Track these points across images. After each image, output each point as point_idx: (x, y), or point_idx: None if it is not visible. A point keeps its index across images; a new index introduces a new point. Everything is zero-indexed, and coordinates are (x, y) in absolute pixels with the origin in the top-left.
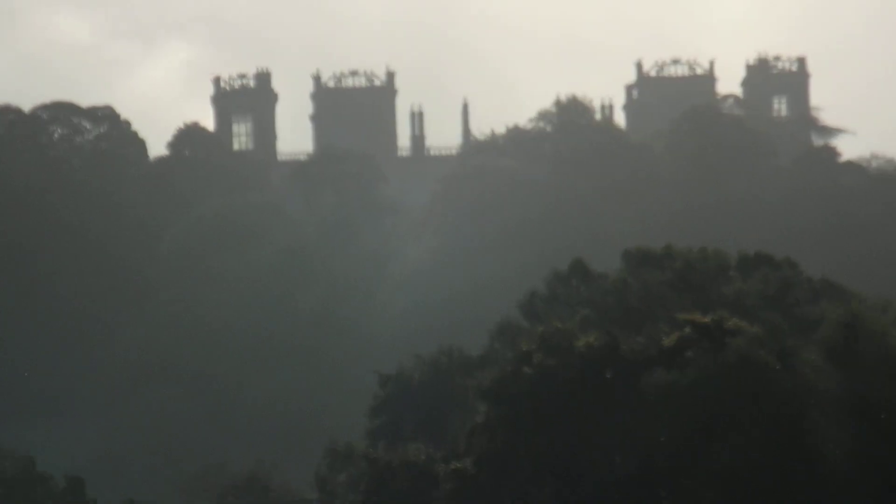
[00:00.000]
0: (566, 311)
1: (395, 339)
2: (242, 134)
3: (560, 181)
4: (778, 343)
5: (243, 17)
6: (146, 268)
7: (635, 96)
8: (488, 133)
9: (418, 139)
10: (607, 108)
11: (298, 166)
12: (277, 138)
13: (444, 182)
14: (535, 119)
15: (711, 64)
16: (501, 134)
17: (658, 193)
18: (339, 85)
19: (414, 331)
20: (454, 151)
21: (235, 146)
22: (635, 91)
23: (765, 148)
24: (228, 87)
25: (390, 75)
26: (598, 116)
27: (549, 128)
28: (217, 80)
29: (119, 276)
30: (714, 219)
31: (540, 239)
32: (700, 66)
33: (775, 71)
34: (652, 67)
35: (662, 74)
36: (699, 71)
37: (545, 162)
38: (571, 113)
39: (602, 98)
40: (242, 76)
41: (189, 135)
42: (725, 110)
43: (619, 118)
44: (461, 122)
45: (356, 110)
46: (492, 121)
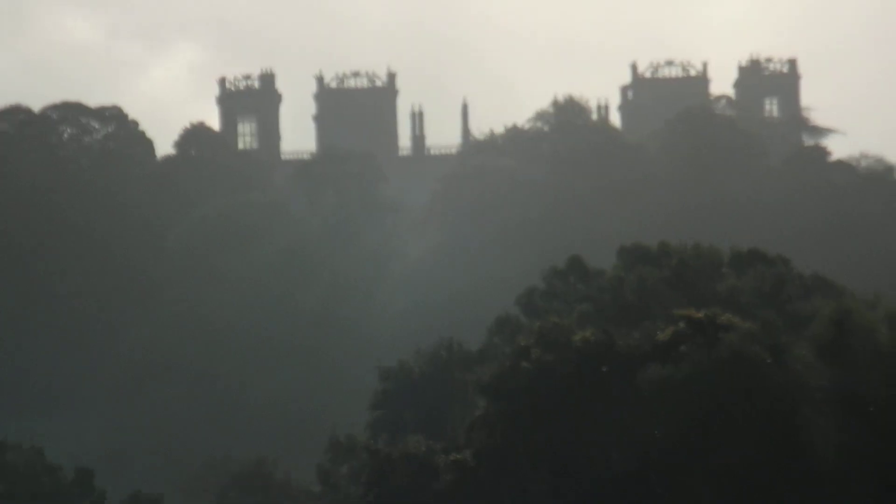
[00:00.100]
0: (563, 307)
1: (396, 337)
2: (247, 134)
3: (558, 180)
4: (770, 338)
5: (248, 20)
6: (152, 266)
7: (630, 97)
8: (487, 133)
9: (419, 139)
10: (603, 109)
11: (302, 165)
12: (281, 138)
13: (444, 181)
14: (533, 119)
15: (704, 66)
16: (500, 134)
17: (653, 192)
18: (342, 86)
19: (414, 329)
20: (454, 151)
21: (240, 146)
22: (630, 92)
23: (757, 148)
24: (233, 88)
25: (391, 76)
26: (595, 117)
27: (547, 128)
28: (222, 81)
29: (125, 275)
30: (708, 217)
31: (538, 237)
32: (693, 68)
33: (767, 72)
34: (647, 69)
35: (657, 76)
36: (692, 72)
37: (543, 161)
38: (568, 113)
39: (598, 99)
40: (247, 77)
41: (195, 134)
42: (718, 111)
43: (615, 118)
44: (461, 122)
45: (358, 110)
46: (491, 121)
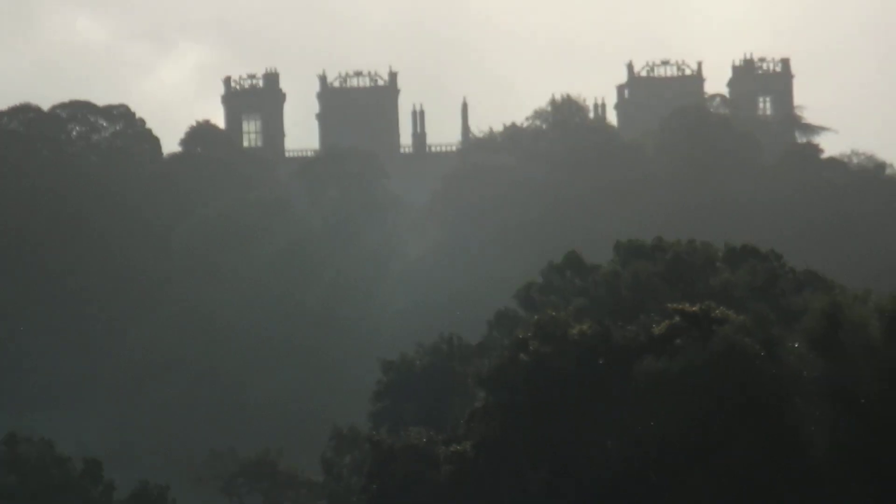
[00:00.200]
0: (561, 301)
1: (396, 334)
2: (251, 132)
3: (556, 178)
4: (763, 332)
5: (253, 21)
6: (157, 263)
7: (626, 96)
8: (487, 131)
9: (420, 137)
10: (600, 107)
11: (305, 163)
12: (285, 136)
13: (445, 179)
14: (532, 117)
15: (699, 65)
16: (499, 132)
17: (649, 189)
18: (344, 85)
19: (415, 325)
20: (454, 149)
21: (245, 143)
22: (626, 91)
23: (751, 145)
24: (238, 87)
25: (393, 76)
26: (592, 115)
27: (545, 126)
28: (227, 81)
29: (130, 272)
30: (702, 214)
31: (537, 235)
32: (688, 67)
33: (760, 72)
34: (642, 68)
35: (652, 75)
36: (688, 72)
37: (541, 159)
38: (566, 112)
39: (595, 97)
40: (252, 76)
41: (201, 133)
42: (713, 109)
43: (612, 117)
44: (461, 121)
45: (360, 109)
46: (490, 119)
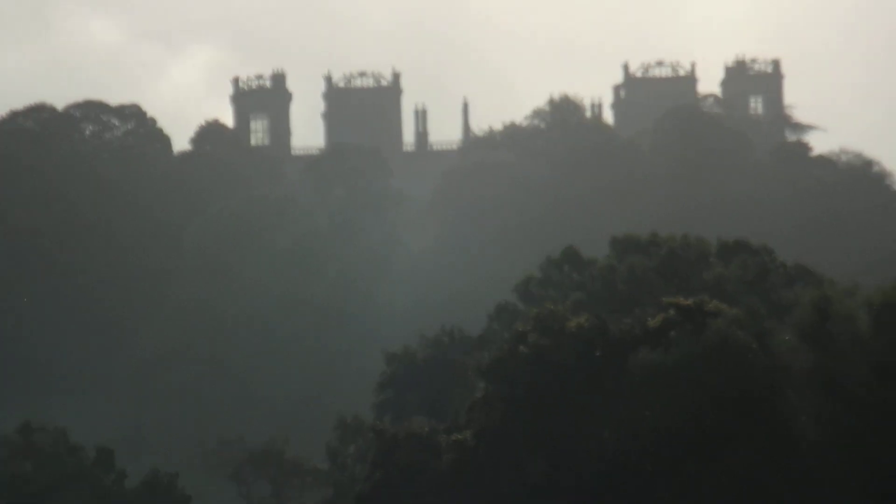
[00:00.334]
0: (559, 295)
1: (400, 324)
2: (259, 130)
3: (554, 175)
4: (755, 324)
5: (261, 23)
6: (168, 257)
7: (622, 96)
8: (487, 130)
9: (422, 135)
10: (597, 107)
11: (311, 161)
12: (291, 135)
13: (446, 176)
14: (531, 116)
15: (693, 66)
16: (499, 131)
17: (644, 186)
18: (349, 85)
19: (417, 315)
20: (455, 147)
21: (253, 142)
22: (622, 91)
23: (742, 143)
24: (246, 87)
25: (396, 76)
26: (588, 114)
27: (543, 125)
28: (236, 81)
29: (143, 266)
30: (695, 209)
31: (535, 230)
32: (682, 68)
33: (752, 72)
34: (638, 69)
35: (647, 75)
36: (681, 72)
37: (540, 157)
38: (564, 111)
39: (592, 97)
40: (259, 77)
41: (210, 131)
42: (706, 109)
43: (608, 116)
44: (462, 120)
45: (364, 109)
46: (490, 118)
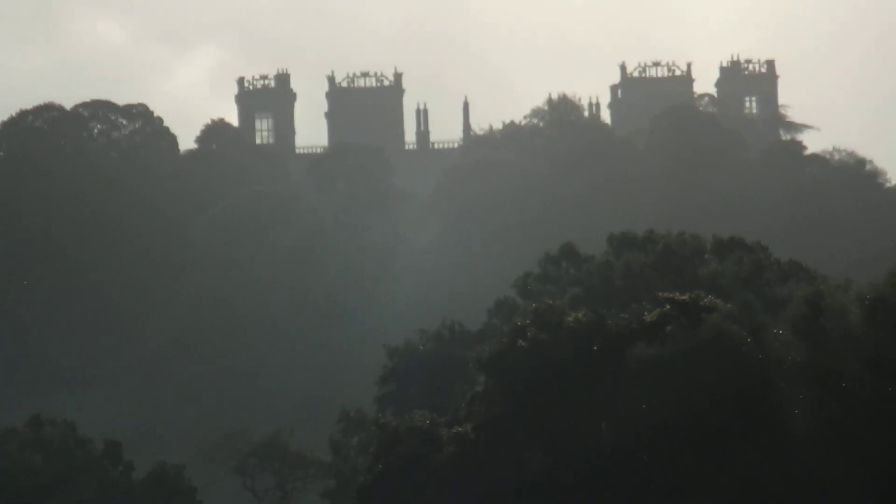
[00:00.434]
0: (557, 290)
1: (402, 319)
2: (264, 129)
3: (553, 173)
4: (750, 319)
5: (265, 24)
6: (175, 254)
7: (620, 95)
8: (487, 128)
9: (423, 134)
10: (594, 106)
11: (314, 159)
12: (295, 133)
13: (447, 174)
14: (530, 116)
15: (689, 66)
16: (499, 129)
17: (640, 183)
18: (352, 85)
19: (419, 310)
20: (456, 145)
21: (257, 141)
22: (620, 90)
23: (737, 143)
24: (251, 87)
25: (398, 76)
26: (586, 113)
27: (542, 124)
28: (241, 81)
29: (151, 263)
30: (691, 207)
31: (535, 227)
32: (678, 68)
33: (747, 73)
34: (635, 69)
35: (644, 75)
36: (678, 72)
37: (539, 155)
38: (562, 110)
39: (590, 97)
40: (264, 77)
41: (215, 130)
42: (701, 108)
43: (605, 115)
44: (462, 119)
45: (367, 108)
46: (490, 117)
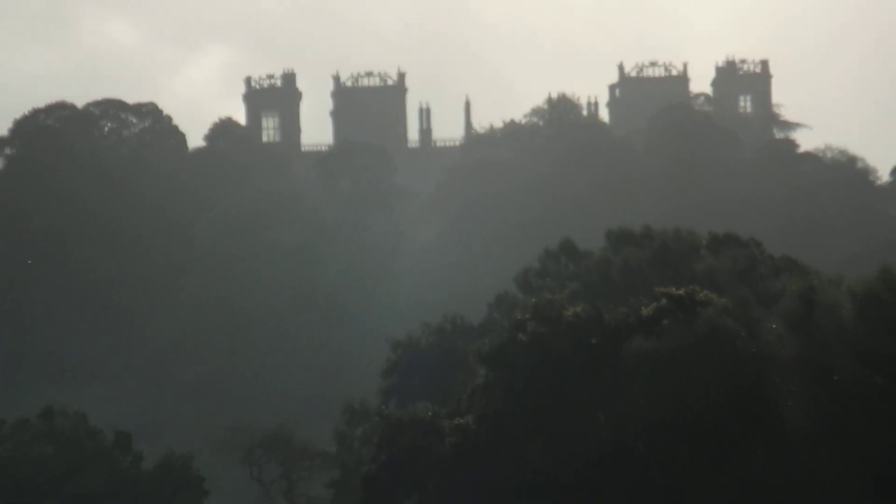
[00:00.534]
0: (556, 285)
1: (405, 313)
2: (270, 128)
3: (552, 171)
4: (744, 314)
5: (273, 25)
6: (183, 250)
7: (618, 95)
8: (488, 127)
9: (426, 133)
10: (593, 105)
11: (320, 157)
12: (301, 132)
13: (449, 172)
14: (530, 115)
15: (685, 66)
16: (499, 128)
17: (638, 181)
18: (356, 84)
19: (421, 304)
20: (457, 143)
21: (264, 139)
22: (618, 90)
23: (732, 141)
24: (258, 87)
25: (401, 76)
26: (585, 113)
27: (542, 123)
28: (248, 80)
29: (159, 259)
30: (687, 204)
31: (534, 223)
32: (675, 68)
33: (741, 72)
34: (632, 69)
35: (642, 75)
36: (674, 72)
37: (538, 153)
38: (561, 109)
39: (588, 96)
40: (271, 76)
41: (223, 129)
42: (697, 107)
43: (604, 114)
44: (464, 118)
45: (371, 107)
46: (491, 116)
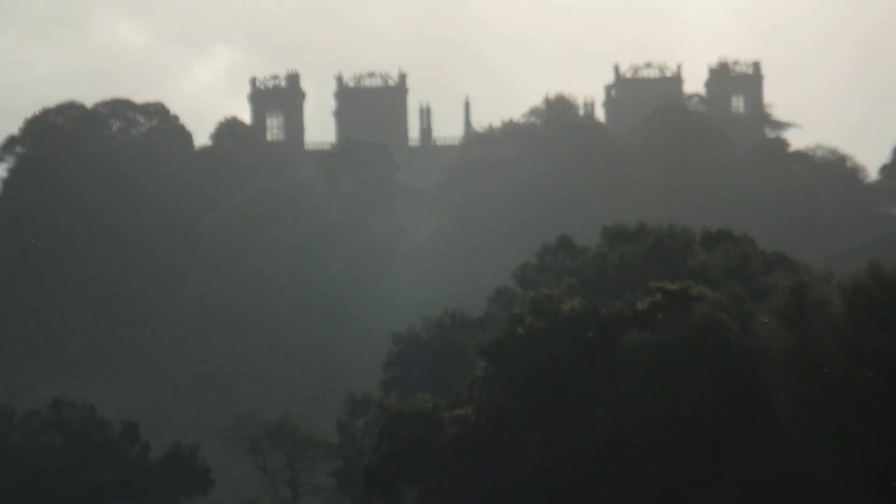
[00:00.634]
0: (554, 280)
1: (406, 307)
2: (275, 127)
3: (549, 169)
4: (737, 308)
5: (277, 26)
6: (190, 246)
7: (613, 95)
8: (487, 126)
9: (426, 132)
10: (589, 105)
11: (323, 155)
12: (305, 131)
13: (449, 170)
14: (527, 114)
15: (679, 67)
16: (498, 127)
17: (633, 178)
18: (359, 85)
19: (422, 299)
20: (457, 142)
21: (269, 138)
22: (613, 90)
23: (725, 140)
24: (263, 87)
25: (402, 76)
26: (582, 112)
27: (540, 122)
28: (253, 81)
29: (164, 257)
30: (681, 201)
31: (532, 220)
32: (669, 70)
33: (734, 73)
34: (628, 70)
35: (637, 76)
36: (668, 73)
37: (536, 152)
38: (558, 109)
39: (585, 96)
40: (275, 77)
41: (229, 128)
42: (691, 107)
43: (600, 114)
44: (463, 117)
45: (373, 107)
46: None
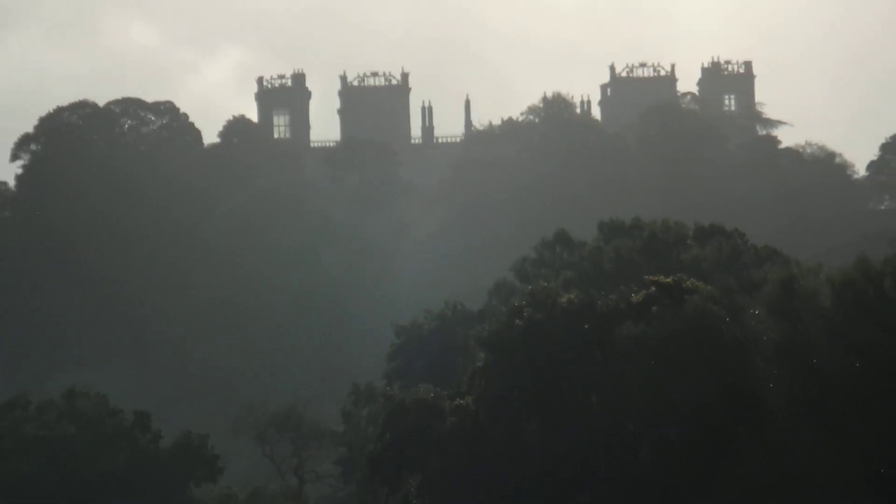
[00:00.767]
0: (551, 273)
1: (408, 300)
2: (281, 125)
3: (547, 166)
4: (728, 300)
5: (284, 27)
6: (199, 239)
7: (609, 94)
8: (487, 124)
9: (428, 130)
10: (586, 104)
11: (328, 152)
12: (310, 129)
13: (450, 167)
14: (526, 112)
15: (673, 67)
16: (498, 125)
17: (628, 174)
18: (362, 84)
19: (424, 292)
20: (458, 140)
21: (275, 135)
22: (609, 89)
23: (717, 137)
24: (269, 86)
25: (405, 76)
26: (578, 110)
27: (538, 120)
28: (260, 80)
29: (179, 247)
30: (675, 197)
31: (531, 215)
32: (663, 69)
33: (726, 73)
34: (623, 70)
35: (632, 75)
36: (662, 73)
37: (535, 149)
38: (556, 108)
39: (581, 95)
40: (281, 76)
41: (236, 126)
42: (684, 105)
43: (596, 112)
44: (464, 115)
45: (376, 105)
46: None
